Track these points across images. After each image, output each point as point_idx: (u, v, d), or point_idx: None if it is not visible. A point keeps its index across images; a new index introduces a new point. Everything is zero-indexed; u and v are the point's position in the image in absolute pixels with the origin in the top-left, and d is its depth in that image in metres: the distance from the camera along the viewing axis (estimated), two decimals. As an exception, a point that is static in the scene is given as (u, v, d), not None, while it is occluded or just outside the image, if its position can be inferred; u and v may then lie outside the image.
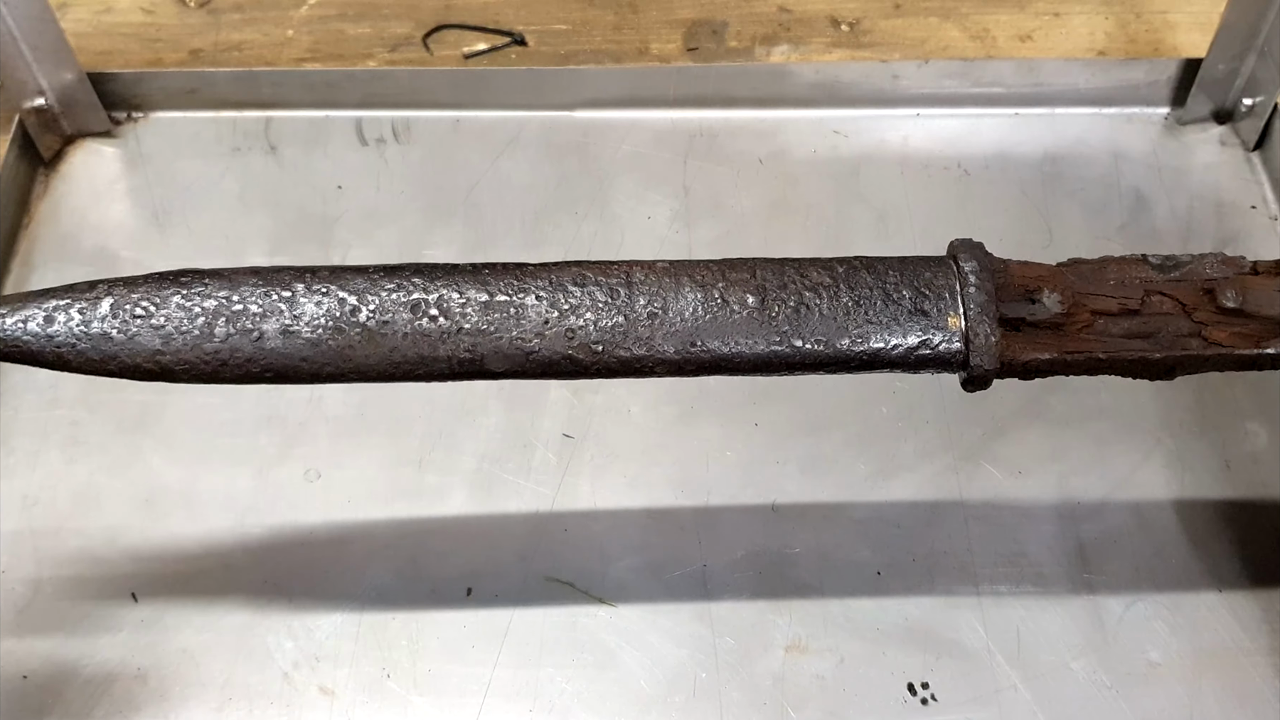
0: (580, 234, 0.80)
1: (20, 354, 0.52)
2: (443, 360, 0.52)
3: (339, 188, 0.82)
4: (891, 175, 0.83)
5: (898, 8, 0.94)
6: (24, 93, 0.81)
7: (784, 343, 0.52)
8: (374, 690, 0.62)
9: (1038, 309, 0.53)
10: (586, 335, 0.52)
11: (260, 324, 0.51)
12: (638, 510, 0.68)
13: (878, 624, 0.64)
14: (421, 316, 0.52)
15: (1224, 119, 0.86)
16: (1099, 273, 0.55)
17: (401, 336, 0.52)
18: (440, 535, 0.67)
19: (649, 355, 0.52)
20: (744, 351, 0.52)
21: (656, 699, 0.61)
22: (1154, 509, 0.68)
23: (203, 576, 0.65)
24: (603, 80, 0.86)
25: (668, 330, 0.52)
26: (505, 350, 0.52)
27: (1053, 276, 0.54)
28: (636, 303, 0.52)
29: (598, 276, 0.53)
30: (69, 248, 0.79)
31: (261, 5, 0.94)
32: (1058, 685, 0.62)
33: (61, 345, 0.51)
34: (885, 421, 0.71)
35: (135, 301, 0.51)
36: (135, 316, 0.51)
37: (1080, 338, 0.53)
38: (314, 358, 0.52)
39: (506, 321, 0.52)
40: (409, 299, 0.52)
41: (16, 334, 0.51)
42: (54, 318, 0.51)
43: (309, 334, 0.52)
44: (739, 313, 0.53)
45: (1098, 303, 0.54)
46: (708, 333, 0.52)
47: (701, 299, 0.53)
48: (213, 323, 0.51)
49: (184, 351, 0.51)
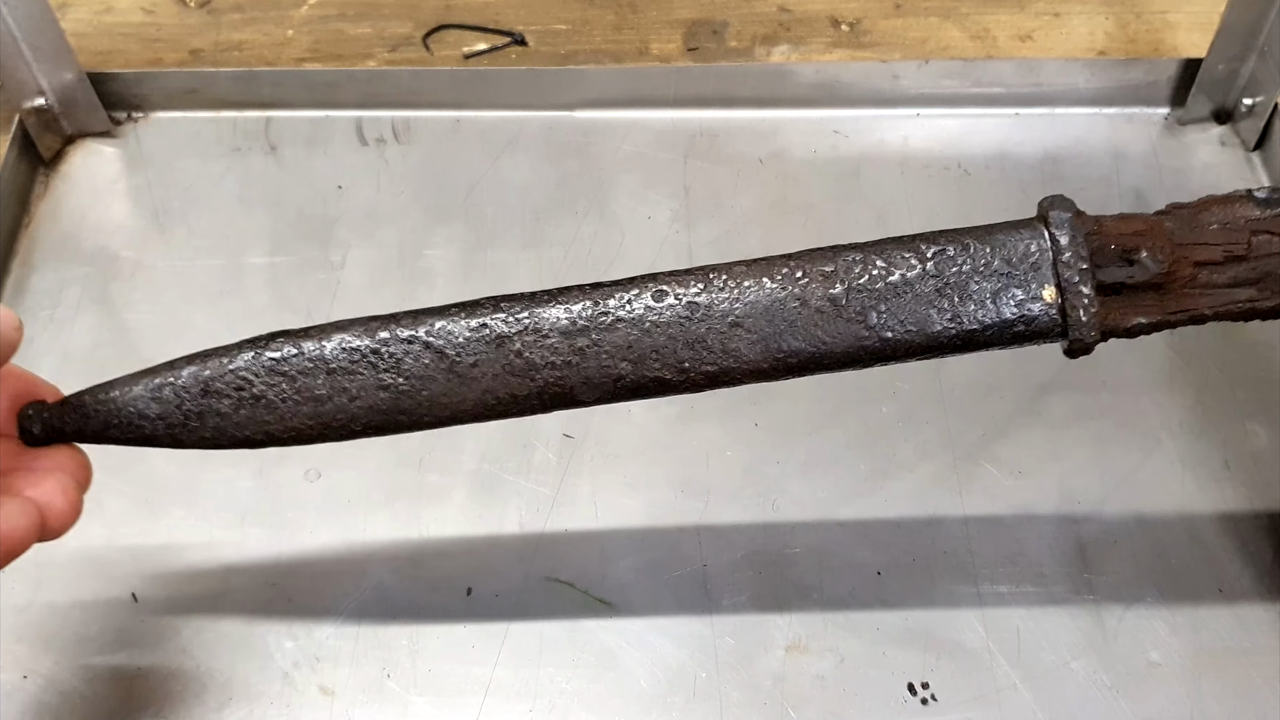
0: (580, 234, 0.80)
1: (136, 438, 0.52)
2: (534, 397, 0.52)
3: (339, 188, 0.82)
4: (891, 175, 0.83)
5: (898, 8, 0.94)
6: (24, 93, 0.81)
7: (872, 336, 0.51)
8: (374, 690, 0.61)
9: (1137, 270, 0.50)
10: (673, 354, 0.51)
11: (356, 383, 0.52)
12: (638, 510, 0.68)
13: (878, 624, 0.64)
14: (509, 354, 0.52)
15: (1224, 119, 0.86)
16: (1199, 216, 0.52)
17: (492, 377, 0.52)
18: (440, 535, 0.67)
19: (736, 366, 0.52)
20: (832, 350, 0.51)
21: (656, 699, 0.61)
22: (1154, 509, 0.68)
23: (203, 576, 0.65)
24: (603, 80, 0.86)
25: (752, 338, 0.51)
26: (595, 379, 0.52)
27: (1151, 231, 0.51)
28: (715, 312, 0.51)
29: (676, 289, 0.52)
30: (69, 248, 0.79)
31: (261, 5, 0.94)
32: (1058, 685, 0.62)
33: (174, 426, 0.52)
34: (885, 421, 0.71)
35: (236, 374, 0.52)
36: (237, 389, 0.51)
37: (1184, 294, 0.51)
38: (412, 409, 0.52)
39: (592, 349, 0.52)
40: (494, 336, 0.52)
41: (130, 418, 0.52)
42: (161, 397, 0.52)
43: (405, 386, 0.52)
44: (822, 310, 0.51)
45: (1200, 253, 0.51)
46: (792, 335, 0.51)
47: (782, 300, 0.51)
48: (311, 387, 0.52)
49: (289, 419, 0.52)
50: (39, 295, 0.76)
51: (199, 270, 0.78)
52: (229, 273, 0.78)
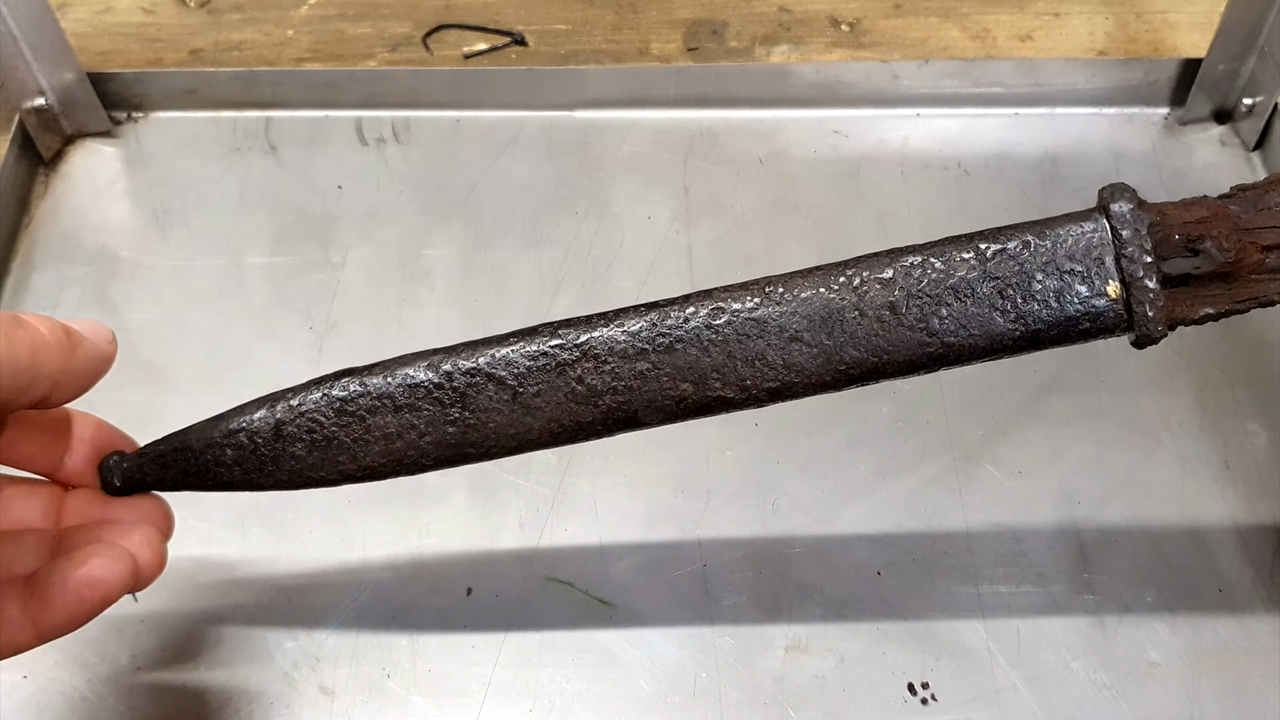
0: (580, 234, 0.80)
1: (215, 485, 0.53)
2: (598, 423, 0.52)
3: (339, 188, 0.82)
4: (891, 175, 0.83)
5: (898, 8, 0.94)
6: (24, 93, 0.81)
7: (935, 343, 0.50)
8: (374, 690, 0.61)
9: (1203, 260, 0.49)
10: (733, 371, 0.51)
11: (424, 418, 0.52)
12: (638, 510, 0.68)
13: (878, 624, 0.64)
14: (570, 382, 0.52)
15: (1224, 119, 0.86)
16: (1266, 197, 0.50)
17: (556, 405, 0.52)
18: (440, 535, 0.67)
19: (798, 381, 0.51)
20: (894, 359, 0.50)
21: (656, 699, 0.61)
22: (1154, 509, 0.68)
23: (203, 576, 0.65)
24: (603, 80, 0.86)
25: (813, 351, 0.51)
26: (657, 402, 0.52)
27: (1215, 217, 0.50)
28: (773, 327, 0.51)
29: (732, 305, 0.51)
30: (69, 248, 0.79)
31: (261, 5, 0.94)
32: (1058, 685, 0.62)
33: (250, 471, 0.52)
34: (885, 421, 0.71)
35: (306, 417, 0.52)
36: (309, 432, 0.52)
37: (1251, 281, 0.50)
38: (480, 441, 0.52)
39: (653, 372, 0.51)
40: (555, 365, 0.52)
41: (208, 465, 0.52)
42: (236, 443, 0.52)
43: (471, 420, 0.52)
44: (882, 319, 0.50)
45: (1267, 236, 0.50)
46: (853, 346, 0.50)
47: (840, 310, 0.50)
48: (381, 426, 0.52)
49: (362, 459, 0.52)
50: (39, 295, 0.76)
51: (199, 270, 0.78)
52: (229, 273, 0.78)
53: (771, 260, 0.78)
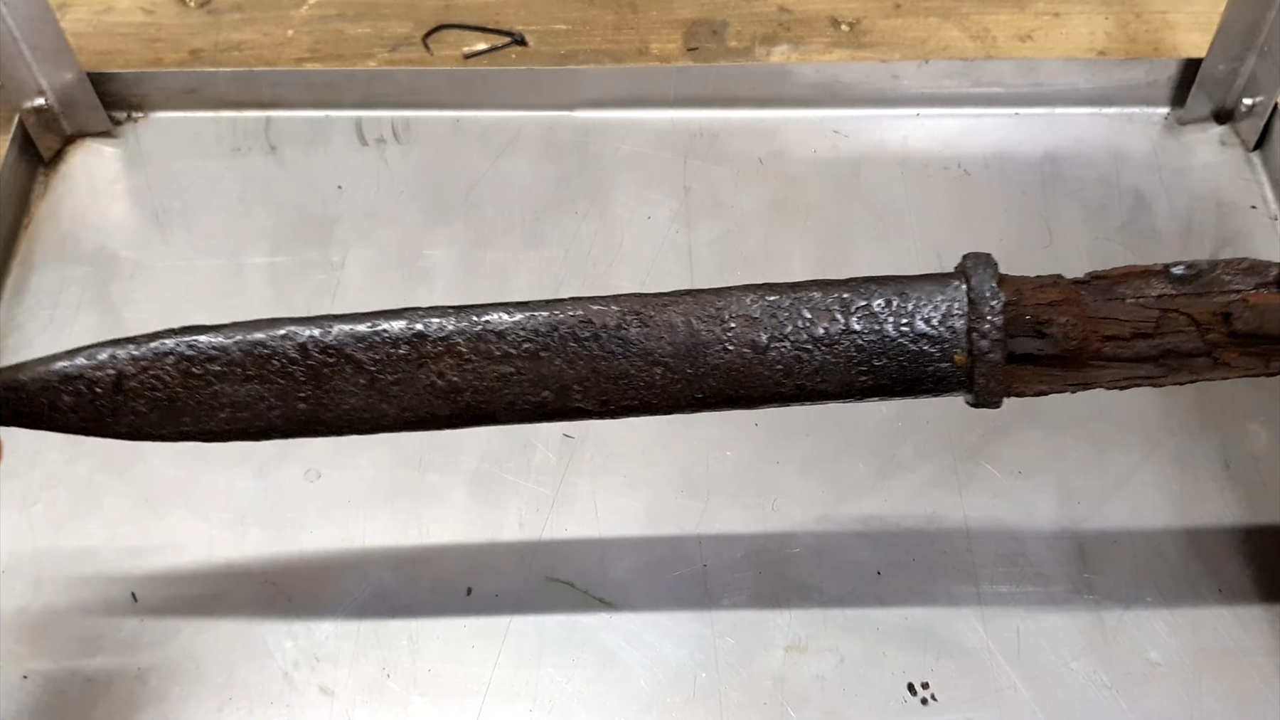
0: (580, 234, 0.80)
1: (48, 427, 0.52)
2: (455, 417, 0.52)
3: (339, 188, 0.82)
4: (891, 175, 0.83)
5: (898, 8, 0.94)
6: (24, 93, 0.81)
7: (789, 385, 0.52)
8: (374, 690, 0.61)
9: (1047, 344, 0.52)
10: (596, 386, 0.52)
11: (274, 391, 0.51)
12: (638, 510, 0.68)
13: (878, 624, 0.64)
14: (433, 375, 0.52)
15: (1224, 119, 0.86)
16: (1116, 288, 0.53)
17: (414, 396, 0.52)
18: (440, 535, 0.67)
19: (656, 403, 0.53)
20: (749, 394, 0.53)
21: (656, 699, 0.61)
22: (1154, 509, 0.68)
23: (203, 576, 0.65)
24: (603, 80, 0.86)
25: (674, 377, 0.52)
26: (517, 405, 0.52)
27: (1067, 301, 0.53)
28: (639, 349, 0.52)
29: (604, 320, 0.52)
30: (69, 248, 0.79)
31: (261, 5, 0.94)
32: (1058, 685, 0.62)
33: (88, 420, 0.51)
34: (885, 421, 0.71)
35: (150, 375, 0.51)
36: (151, 390, 0.51)
37: (1087, 366, 0.53)
38: (333, 421, 0.52)
39: (516, 377, 0.52)
40: (417, 357, 0.52)
41: (42, 409, 0.51)
42: (75, 390, 0.51)
43: (325, 399, 0.52)
44: (745, 357, 0.52)
45: (1110, 327, 0.52)
46: (714, 377, 0.52)
47: (707, 344, 0.52)
48: (229, 394, 0.51)
49: (206, 423, 0.51)
50: (39, 295, 0.76)
51: (199, 270, 0.78)
52: (229, 273, 0.78)
53: (771, 260, 0.78)
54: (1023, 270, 0.76)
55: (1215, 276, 0.53)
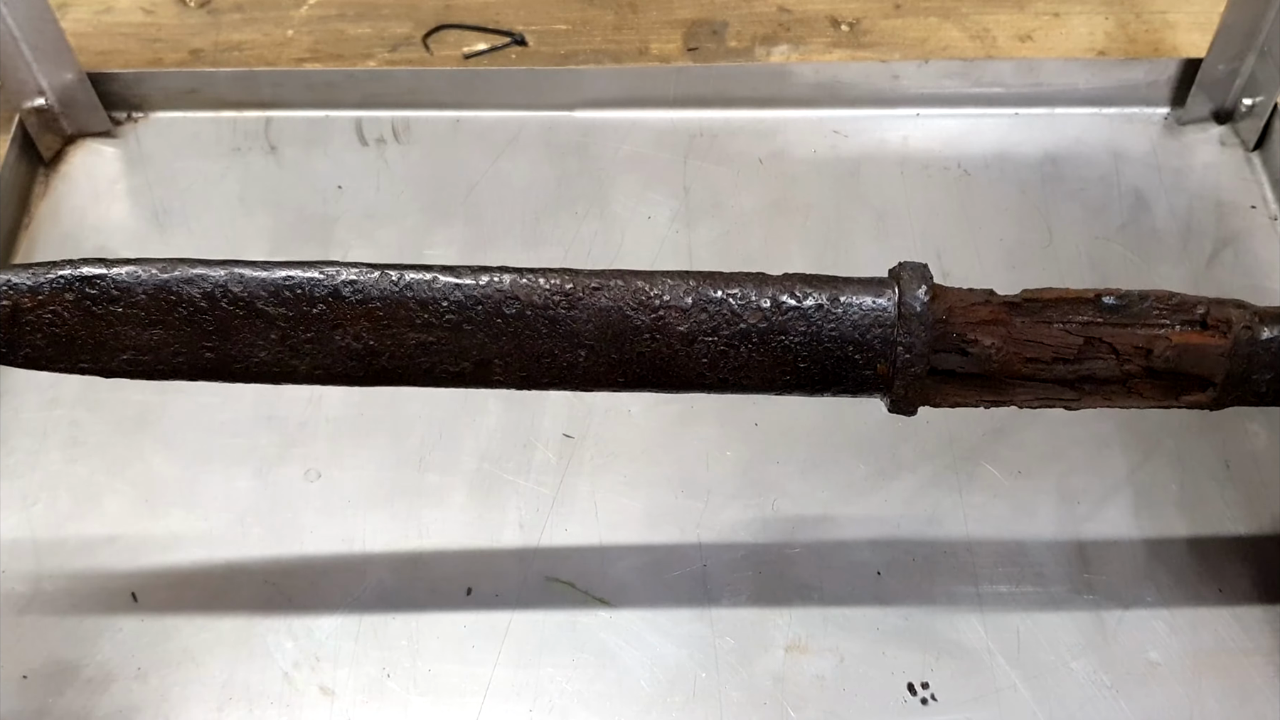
0: (580, 234, 0.80)
1: None
2: (369, 378, 0.51)
3: (339, 188, 0.82)
4: (891, 175, 0.83)
5: (898, 8, 0.94)
6: (24, 93, 0.81)
7: (712, 378, 0.52)
8: (374, 690, 0.61)
9: (969, 362, 0.53)
10: (517, 363, 0.52)
11: (178, 340, 0.50)
12: (638, 510, 0.68)
13: (878, 624, 0.64)
14: (349, 338, 0.51)
15: (1224, 119, 0.86)
16: (1046, 311, 0.53)
17: (328, 355, 0.51)
18: (440, 535, 0.67)
19: (574, 380, 0.52)
20: (673, 381, 0.53)
21: (656, 699, 0.61)
22: (1154, 509, 0.68)
23: (203, 576, 0.65)
24: (603, 80, 0.86)
25: (597, 360, 0.52)
26: (435, 373, 0.52)
27: (996, 322, 0.53)
28: (565, 330, 0.51)
29: (529, 297, 0.51)
30: (69, 248, 0.79)
31: (261, 5, 0.94)
32: (1058, 685, 0.62)
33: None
34: (885, 421, 0.71)
35: (50, 309, 0.49)
36: (51, 325, 0.49)
37: (1005, 385, 0.53)
38: (241, 371, 0.51)
39: (436, 347, 0.51)
40: (334, 314, 0.50)
41: None
42: None
43: (234, 351, 0.50)
44: (671, 347, 0.52)
45: (1032, 350, 0.53)
46: (638, 364, 0.52)
47: (635, 330, 0.51)
48: (131, 337, 0.50)
49: (106, 363, 0.50)
50: (39, 295, 0.76)
51: (199, 270, 0.78)
52: (229, 273, 0.78)
53: (771, 260, 0.78)
54: (1023, 270, 0.76)
55: (1144, 309, 0.53)
